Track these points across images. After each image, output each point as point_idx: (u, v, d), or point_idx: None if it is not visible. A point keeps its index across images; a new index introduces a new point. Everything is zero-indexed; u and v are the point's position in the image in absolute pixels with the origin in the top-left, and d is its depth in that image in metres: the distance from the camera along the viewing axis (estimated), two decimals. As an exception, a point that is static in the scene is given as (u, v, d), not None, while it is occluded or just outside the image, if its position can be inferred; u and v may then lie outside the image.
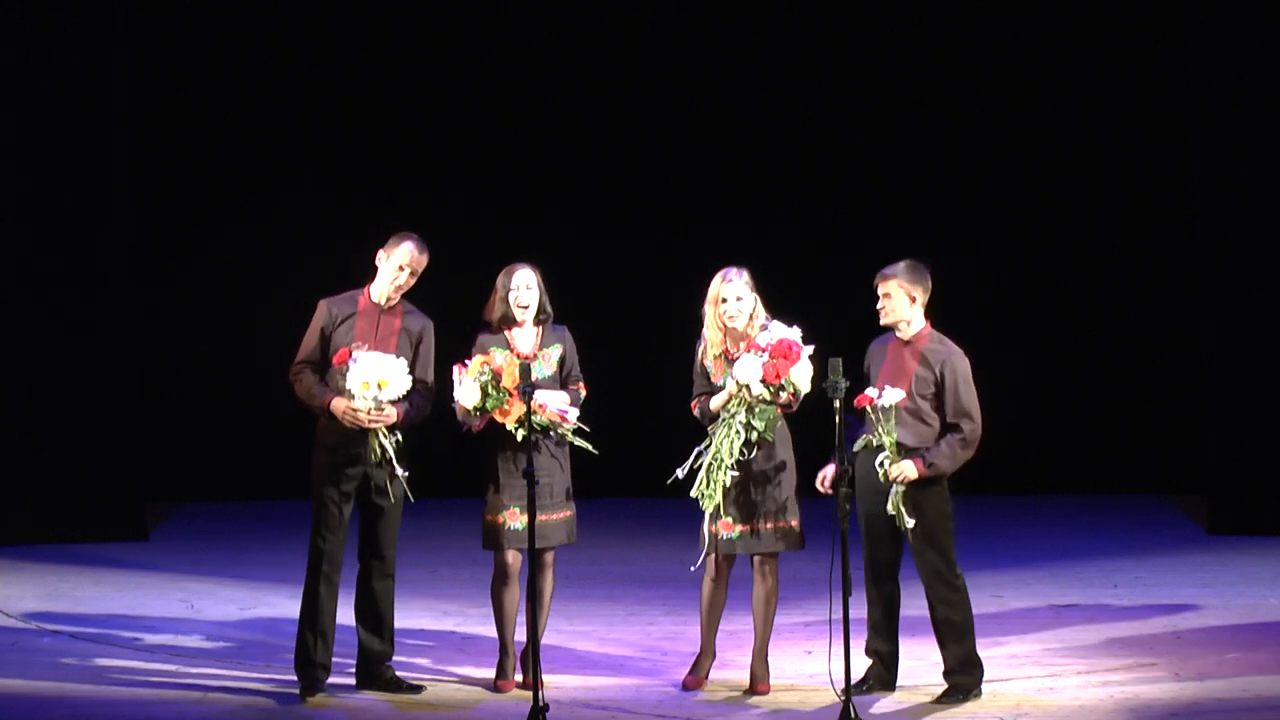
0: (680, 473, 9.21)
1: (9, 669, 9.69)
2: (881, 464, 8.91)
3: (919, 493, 8.95)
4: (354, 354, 8.96)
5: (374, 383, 8.91)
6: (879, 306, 9.08)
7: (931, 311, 9.12)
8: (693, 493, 9.13)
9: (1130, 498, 14.47)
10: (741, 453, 9.08)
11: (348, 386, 8.93)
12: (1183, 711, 8.81)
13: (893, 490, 8.91)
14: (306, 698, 9.04)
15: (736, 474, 9.08)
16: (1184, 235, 13.80)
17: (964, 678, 9.07)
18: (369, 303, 9.18)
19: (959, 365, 9.03)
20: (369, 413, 8.94)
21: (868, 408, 8.90)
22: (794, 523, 9.20)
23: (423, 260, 9.17)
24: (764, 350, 9.01)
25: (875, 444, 8.94)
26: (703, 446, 9.18)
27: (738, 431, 9.08)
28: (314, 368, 9.13)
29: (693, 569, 9.25)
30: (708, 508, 9.12)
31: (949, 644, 9.09)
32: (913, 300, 9.06)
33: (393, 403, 8.96)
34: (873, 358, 9.14)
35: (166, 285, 14.51)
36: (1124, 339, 14.70)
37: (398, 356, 9.00)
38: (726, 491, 9.09)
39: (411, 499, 9.13)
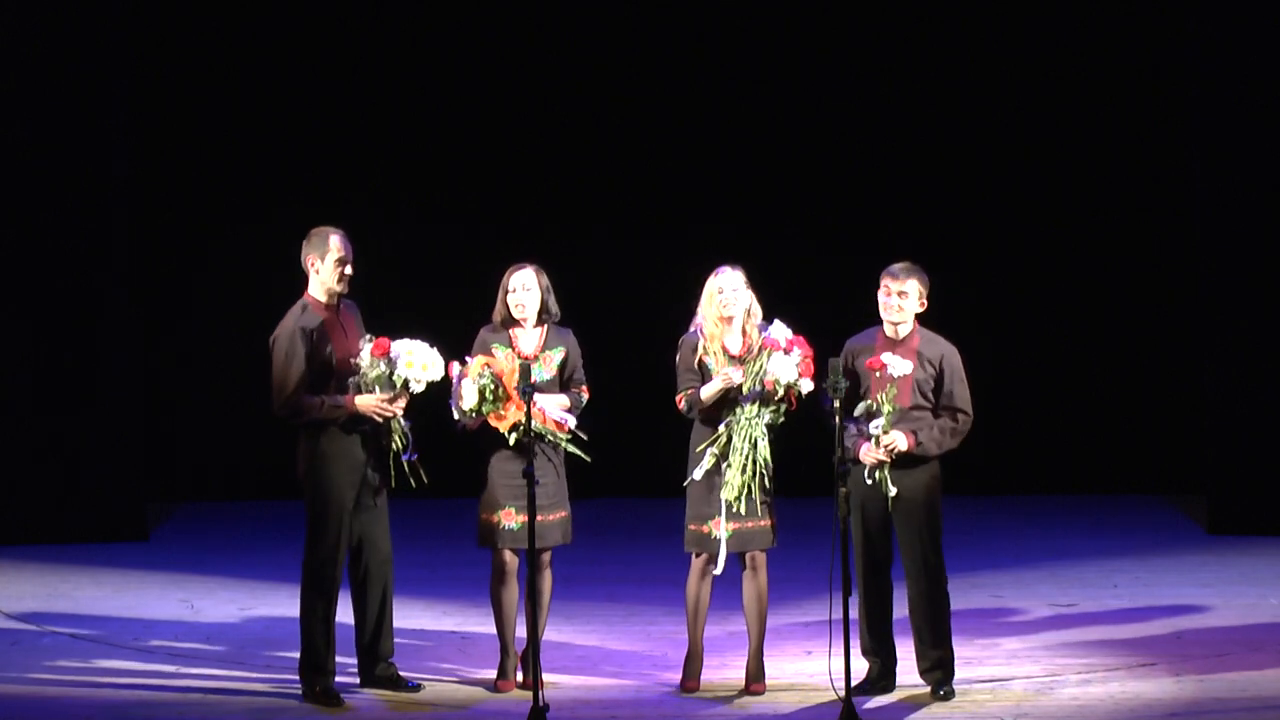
0: (697, 474, 9.19)
1: (9, 669, 9.70)
2: (874, 432, 8.92)
3: (912, 484, 8.96)
4: (392, 345, 8.98)
5: (431, 365, 8.98)
6: (892, 305, 9.08)
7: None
8: (730, 495, 9.10)
9: (1130, 498, 14.46)
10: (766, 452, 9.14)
11: (399, 374, 8.93)
12: (1183, 711, 8.81)
13: (876, 462, 8.94)
14: (312, 702, 9.05)
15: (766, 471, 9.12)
16: (1183, 234, 13.79)
17: (942, 674, 9.08)
18: (323, 309, 9.14)
19: (953, 359, 9.11)
20: (394, 401, 8.97)
21: (876, 373, 8.91)
22: (773, 520, 9.23)
23: (350, 244, 9.17)
24: (787, 348, 9.06)
25: (874, 410, 8.94)
26: (713, 447, 9.16)
27: (763, 431, 9.11)
28: (308, 391, 9.04)
29: (716, 572, 9.20)
30: (740, 506, 9.11)
31: (930, 641, 9.09)
32: (924, 303, 9.09)
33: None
34: (858, 357, 9.13)
35: (166, 286, 14.49)
36: (1124, 338, 14.68)
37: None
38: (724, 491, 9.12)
39: (426, 481, 9.13)
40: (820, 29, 14.62)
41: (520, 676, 9.30)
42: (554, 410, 9.23)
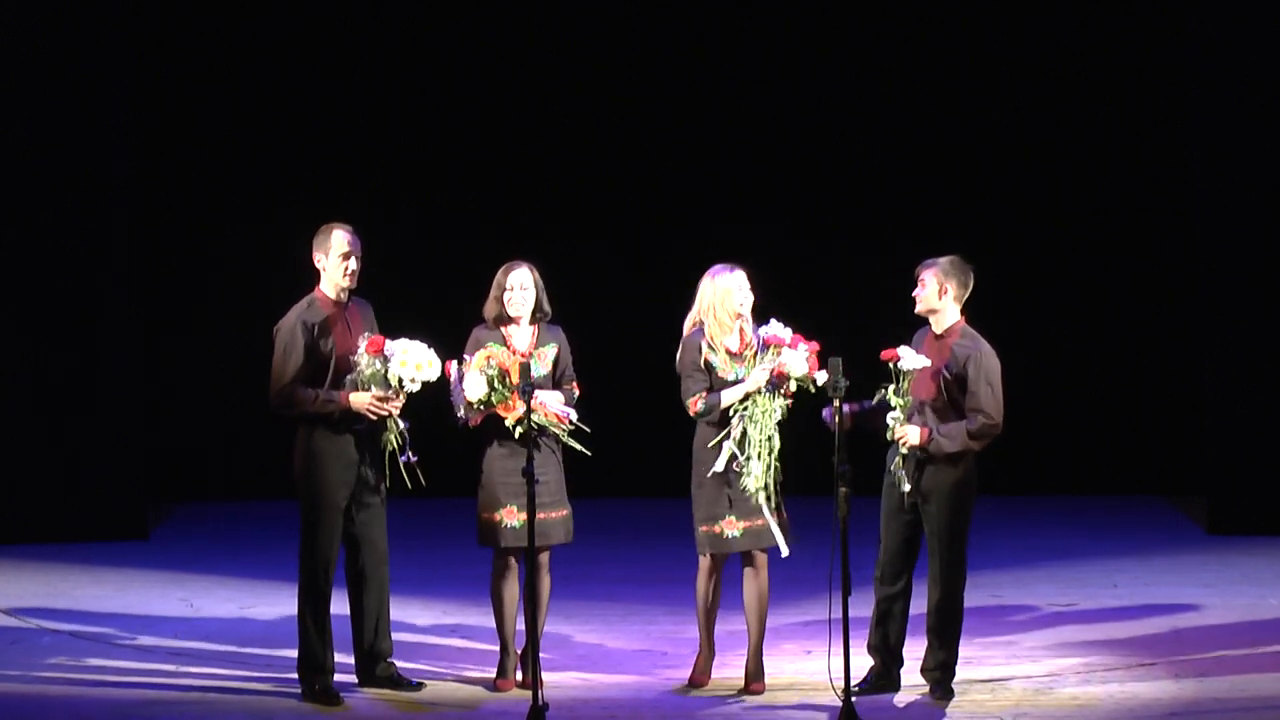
0: (719, 465, 9.16)
1: (10, 668, 9.71)
2: (889, 424, 8.94)
3: (936, 485, 8.95)
4: (386, 344, 8.98)
5: (426, 365, 8.97)
6: (913, 293, 9.13)
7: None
8: (755, 485, 9.09)
9: (1130, 498, 14.46)
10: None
11: (393, 373, 8.92)
12: (1183, 711, 8.81)
13: (895, 453, 8.96)
14: (312, 701, 9.05)
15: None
16: (1183, 234, 13.80)
17: (941, 674, 9.08)
18: (330, 304, 9.16)
19: (985, 362, 9.04)
20: (389, 400, 8.97)
21: (891, 364, 8.93)
22: (784, 517, 9.24)
23: (358, 240, 9.17)
24: (793, 344, 9.10)
25: (885, 399, 8.95)
26: (732, 440, 9.15)
27: (778, 424, 9.12)
28: (304, 384, 9.08)
29: (785, 554, 9.19)
30: (763, 499, 9.11)
31: (936, 643, 9.08)
32: (942, 292, 9.08)
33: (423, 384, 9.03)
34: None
35: (166, 286, 14.50)
36: (1124, 339, 14.68)
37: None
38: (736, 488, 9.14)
39: (424, 483, 9.13)
40: (816, 31, 14.62)
41: (520, 675, 9.30)
42: (556, 404, 9.24)
